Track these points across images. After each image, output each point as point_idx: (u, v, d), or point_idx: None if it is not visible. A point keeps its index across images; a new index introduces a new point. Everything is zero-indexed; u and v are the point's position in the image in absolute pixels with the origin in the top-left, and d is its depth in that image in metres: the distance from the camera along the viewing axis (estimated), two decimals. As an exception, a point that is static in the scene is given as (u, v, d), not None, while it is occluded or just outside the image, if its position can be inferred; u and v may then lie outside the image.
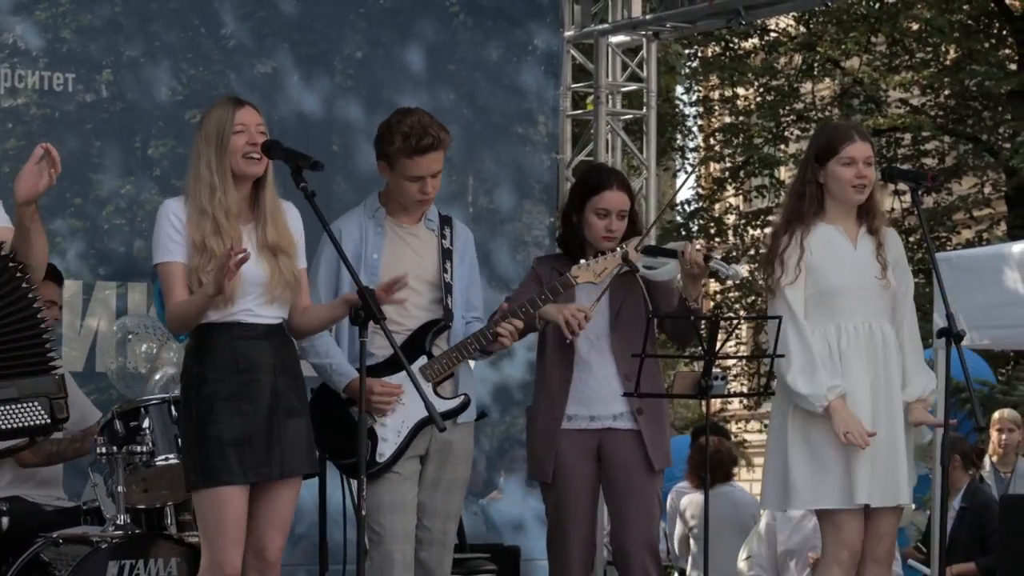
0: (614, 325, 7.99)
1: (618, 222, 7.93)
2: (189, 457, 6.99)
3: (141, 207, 10.06)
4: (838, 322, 7.50)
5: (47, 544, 8.17)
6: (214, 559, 6.89)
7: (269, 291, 6.89)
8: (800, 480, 7.53)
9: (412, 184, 7.44)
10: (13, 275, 6.07)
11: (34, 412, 6.10)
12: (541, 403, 8.07)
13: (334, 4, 10.89)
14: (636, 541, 8.14)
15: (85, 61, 10.23)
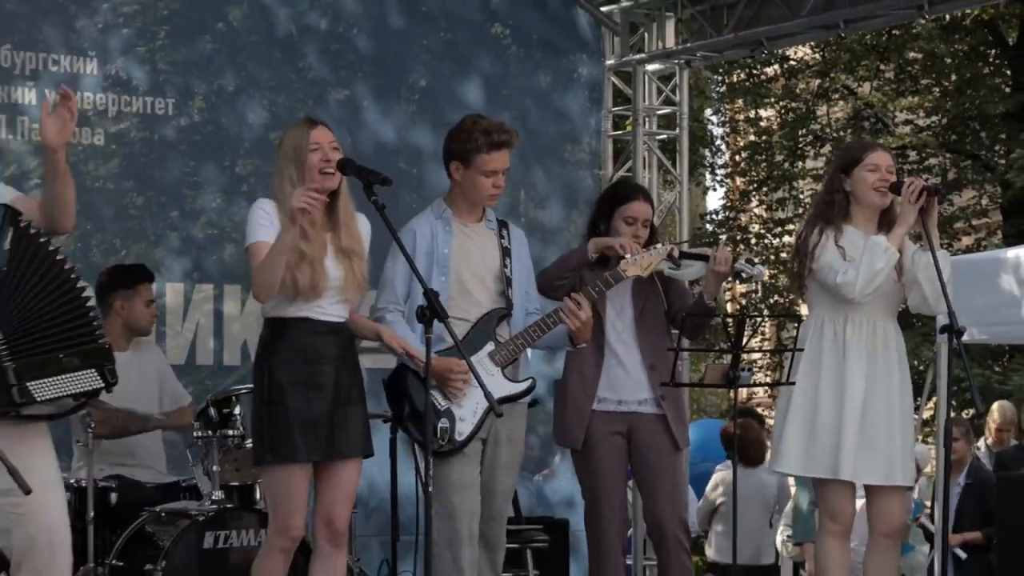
0: (639, 321, 8.04)
1: (643, 229, 8.01)
2: (259, 435, 7.00)
3: (231, 219, 10.08)
4: (847, 314, 7.55)
5: (151, 517, 8.20)
6: (281, 524, 6.91)
7: (342, 292, 6.91)
8: (792, 446, 7.58)
9: (487, 179, 7.43)
10: (53, 257, 6.07)
11: (91, 378, 6.09)
12: (573, 378, 8.10)
13: (401, 39, 10.90)
14: (669, 515, 8.15)
15: (181, 90, 10.25)
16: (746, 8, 11.13)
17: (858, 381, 7.50)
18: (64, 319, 6.05)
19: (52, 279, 6.04)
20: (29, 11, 9.84)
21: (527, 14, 11.34)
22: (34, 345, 5.96)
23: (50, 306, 6.02)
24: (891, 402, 7.54)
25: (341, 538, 7.05)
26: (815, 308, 7.69)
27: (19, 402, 5.92)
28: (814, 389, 7.54)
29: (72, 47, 9.96)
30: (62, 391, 6.03)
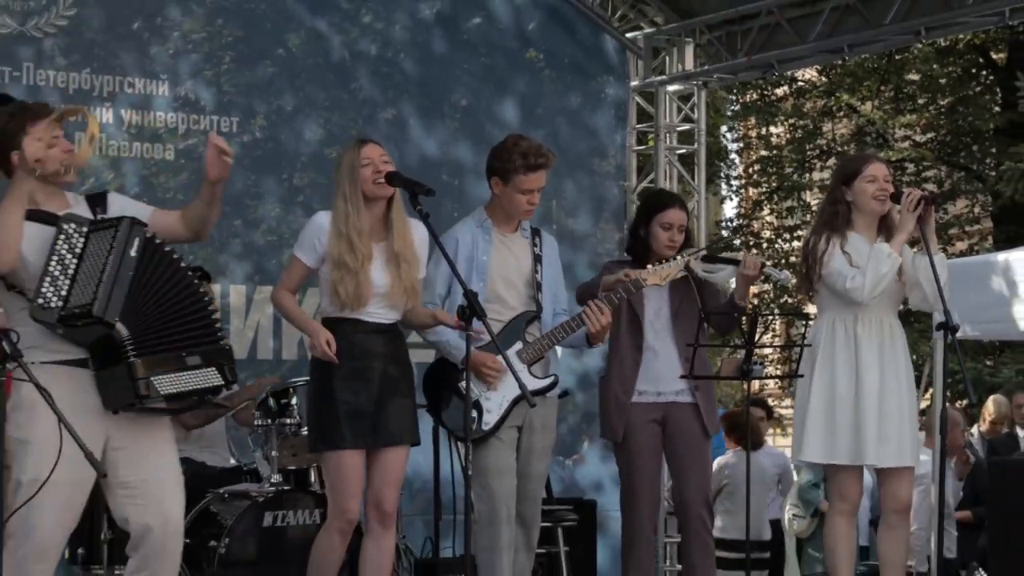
0: (674, 319, 8.06)
1: (678, 235, 8.02)
2: (312, 424, 7.08)
3: (289, 226, 10.08)
4: (857, 314, 7.55)
5: (215, 498, 8.21)
6: (337, 507, 6.94)
7: (389, 299, 6.95)
8: (813, 437, 7.57)
9: (523, 196, 7.46)
10: (177, 264, 6.10)
11: (212, 375, 6.12)
12: (614, 377, 8.13)
13: (444, 63, 10.89)
14: (695, 496, 8.18)
15: (244, 110, 10.26)
16: (758, 34, 11.12)
17: (873, 373, 7.52)
18: (187, 320, 6.09)
19: (176, 283, 6.09)
20: (107, 39, 9.87)
21: (559, 40, 11.33)
22: (158, 343, 5.99)
23: (173, 308, 6.06)
24: (900, 390, 7.57)
25: (390, 519, 7.06)
26: (826, 310, 7.68)
27: (143, 394, 5.95)
28: (831, 383, 7.55)
29: (146, 71, 9.97)
30: (184, 387, 6.06)
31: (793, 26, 10.91)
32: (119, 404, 5.98)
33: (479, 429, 7.38)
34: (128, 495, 6.09)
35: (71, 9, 9.74)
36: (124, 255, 5.90)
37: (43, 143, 5.98)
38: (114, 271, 5.87)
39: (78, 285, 5.85)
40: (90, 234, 5.95)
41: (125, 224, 5.96)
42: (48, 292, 5.85)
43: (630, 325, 8.03)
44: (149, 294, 5.98)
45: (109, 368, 5.95)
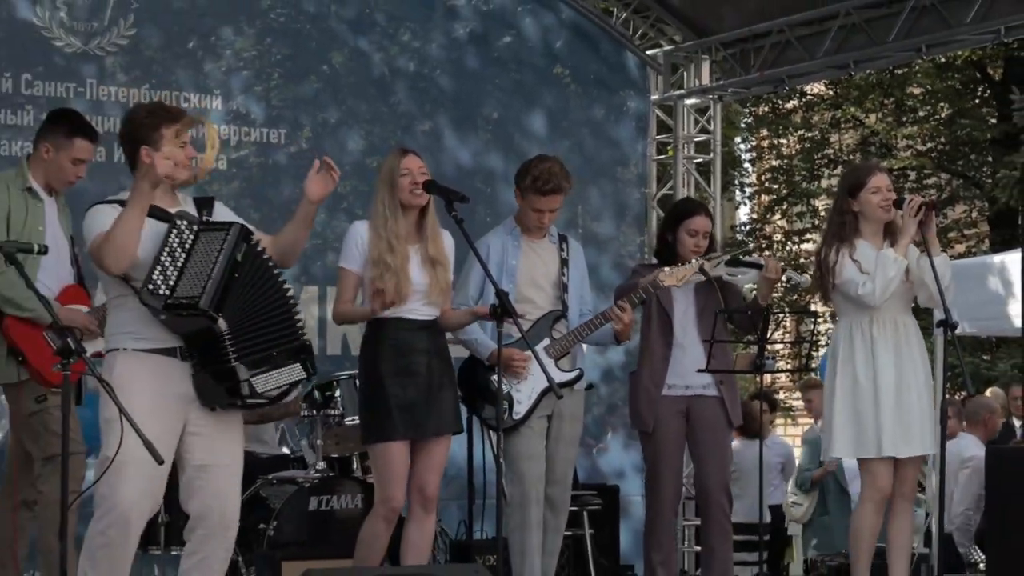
0: (700, 318, 8.10)
1: (703, 241, 8.07)
2: (364, 418, 7.08)
3: (333, 231, 10.09)
4: (871, 316, 7.55)
5: (265, 484, 8.24)
6: (384, 494, 6.94)
7: (428, 296, 6.98)
8: (840, 435, 7.57)
9: (534, 214, 7.55)
10: (273, 271, 6.18)
11: (297, 370, 6.18)
12: (644, 372, 8.17)
13: (477, 79, 10.89)
14: (715, 484, 8.20)
15: (292, 123, 10.27)
16: (770, 51, 11.10)
17: (890, 370, 7.52)
18: (277, 320, 6.14)
19: (270, 287, 6.14)
20: (164, 57, 9.89)
21: (584, 57, 11.32)
22: (253, 343, 6.03)
23: (267, 309, 6.11)
24: (918, 384, 7.58)
25: (431, 504, 7.08)
26: (843, 316, 7.69)
27: (246, 394, 6.00)
28: (852, 384, 7.55)
29: (200, 87, 9.99)
30: (277, 384, 6.11)
31: (802, 44, 10.90)
32: (221, 403, 6.04)
33: (510, 419, 7.42)
34: (195, 477, 6.11)
35: (131, 29, 9.77)
36: (231, 258, 5.96)
37: (171, 161, 6.03)
38: (222, 271, 5.92)
39: (185, 277, 5.90)
40: (200, 232, 6.01)
41: (235, 229, 6.03)
42: (158, 280, 5.88)
43: (661, 324, 8.09)
44: (248, 295, 6.03)
45: (210, 368, 5.99)
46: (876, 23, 10.41)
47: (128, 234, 5.90)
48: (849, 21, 10.50)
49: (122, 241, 5.90)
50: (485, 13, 10.94)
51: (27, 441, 7.25)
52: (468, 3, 10.88)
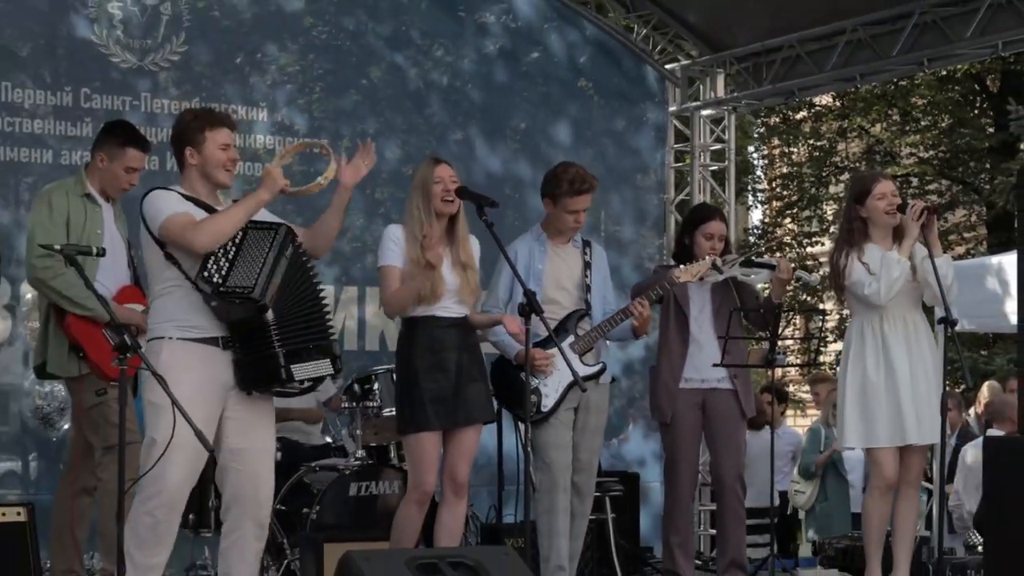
0: (715, 316, 8.11)
1: (719, 244, 8.09)
2: (400, 410, 7.08)
3: (371, 235, 10.10)
4: (881, 314, 7.55)
5: (308, 471, 8.24)
6: (417, 480, 6.95)
7: (459, 295, 7.00)
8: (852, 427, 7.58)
9: (570, 216, 7.57)
10: (312, 272, 6.27)
11: (327, 365, 6.24)
12: (663, 366, 8.19)
13: (506, 92, 10.89)
14: (730, 472, 8.21)
15: (332, 133, 10.28)
16: (781, 65, 11.08)
17: (903, 363, 7.53)
18: (314, 318, 6.24)
19: (310, 287, 6.25)
20: (214, 72, 9.92)
21: (607, 71, 11.31)
22: (294, 335, 6.12)
23: (306, 306, 6.22)
24: (928, 376, 7.59)
25: (463, 489, 7.08)
26: (855, 315, 7.70)
27: (284, 379, 6.09)
28: (862, 378, 7.56)
29: (247, 99, 10.02)
30: (311, 374, 6.20)
31: (811, 58, 10.88)
32: (259, 386, 6.13)
33: (538, 411, 7.43)
34: (229, 460, 6.16)
35: (182, 47, 9.79)
36: (280, 255, 6.09)
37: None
38: (271, 266, 6.05)
39: (236, 269, 6.02)
40: (248, 230, 6.10)
41: (284, 229, 6.18)
42: (212, 269, 6.00)
43: (678, 322, 8.10)
44: (291, 291, 6.14)
45: (253, 355, 6.07)
46: (881, 39, 10.39)
47: (233, 226, 6.07)
48: (855, 37, 10.49)
49: (225, 228, 6.06)
50: (513, 30, 10.94)
51: (88, 431, 7.28)
52: (498, 21, 10.88)
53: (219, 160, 6.25)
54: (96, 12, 9.55)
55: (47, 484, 7.94)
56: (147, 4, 9.70)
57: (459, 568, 6.08)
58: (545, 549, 7.50)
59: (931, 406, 7.50)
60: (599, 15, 11.37)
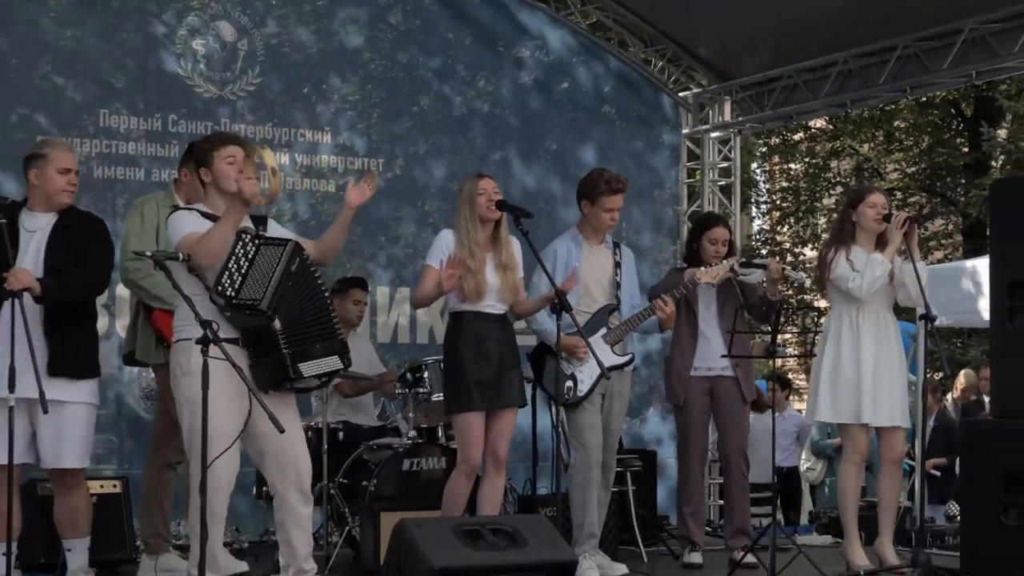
0: (720, 311, 8.09)
1: (722, 248, 8.07)
2: (447, 393, 7.10)
3: (422, 242, 10.08)
4: (858, 307, 7.54)
5: (366, 449, 8.24)
6: (465, 455, 6.97)
7: (499, 294, 7.01)
8: (824, 401, 7.58)
9: (606, 214, 7.58)
10: (317, 280, 6.22)
11: (335, 361, 6.22)
12: (675, 356, 8.24)
13: (539, 118, 10.87)
14: (735, 449, 8.21)
15: (388, 153, 10.29)
16: (780, 92, 11.07)
17: (870, 353, 7.52)
18: (319, 320, 6.20)
19: (314, 293, 6.21)
20: (284, 100, 9.94)
21: (627, 99, 11.28)
22: (301, 337, 6.10)
23: (311, 311, 6.18)
24: (892, 367, 7.57)
25: (502, 465, 7.09)
26: (835, 305, 7.67)
27: (294, 377, 6.09)
28: (836, 361, 7.56)
29: (313, 124, 10.03)
30: (318, 371, 6.18)
31: (807, 86, 10.86)
32: (274, 385, 6.07)
33: (574, 396, 7.44)
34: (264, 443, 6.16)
35: (257, 78, 9.81)
36: (286, 269, 6.05)
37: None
38: (278, 279, 6.01)
39: (248, 282, 5.98)
40: (261, 246, 6.07)
41: (291, 245, 6.12)
42: (226, 283, 5.97)
43: (688, 318, 8.12)
44: (296, 300, 6.10)
45: (265, 357, 6.06)
46: (868, 69, 10.37)
47: (220, 242, 6.00)
48: (846, 68, 10.46)
49: (213, 244, 5.99)
50: (546, 64, 10.93)
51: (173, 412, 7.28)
52: (532, 55, 10.87)
53: (225, 172, 6.21)
54: (182, 48, 9.58)
55: (138, 460, 7.96)
56: (226, 41, 9.72)
57: (498, 534, 6.08)
58: (579, 518, 7.50)
59: (890, 394, 7.54)
60: (621, 49, 11.34)
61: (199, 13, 9.65)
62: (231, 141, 6.32)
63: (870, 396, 7.48)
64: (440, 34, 10.54)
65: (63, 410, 6.36)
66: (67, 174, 6.50)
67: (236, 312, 6.00)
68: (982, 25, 9.53)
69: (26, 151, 6.74)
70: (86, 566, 6.58)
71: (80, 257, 6.43)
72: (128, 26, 9.46)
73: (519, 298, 7.16)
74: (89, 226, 6.62)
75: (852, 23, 10.10)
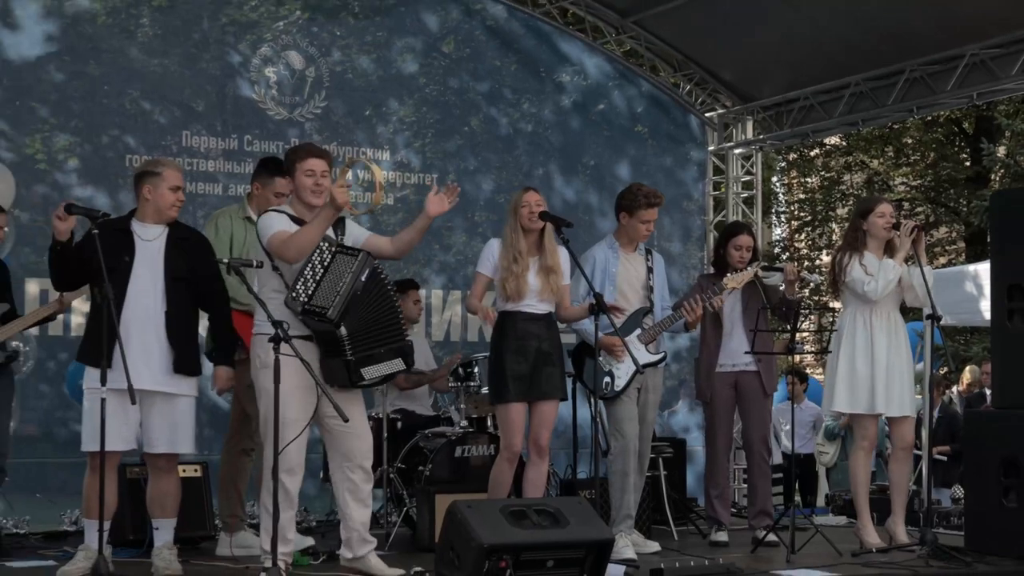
0: (744, 314, 8.06)
1: (747, 253, 8.06)
2: (491, 384, 7.10)
3: (472, 250, 10.10)
4: (871, 308, 7.50)
5: (423, 437, 8.25)
6: (506, 442, 6.99)
7: (540, 295, 7.01)
8: (840, 393, 7.55)
9: (643, 225, 7.54)
10: (386, 287, 6.27)
11: (398, 363, 6.29)
12: (703, 355, 8.26)
13: (579, 136, 10.85)
14: (757, 437, 8.19)
15: (441, 169, 10.29)
16: (798, 112, 11.00)
17: (882, 350, 7.50)
18: (387, 325, 6.24)
19: (383, 300, 6.25)
20: (347, 121, 9.96)
21: (658, 119, 11.25)
22: (366, 343, 6.15)
23: (379, 317, 6.23)
24: (901, 363, 7.56)
25: (544, 452, 7.08)
26: (848, 305, 7.65)
27: (355, 381, 6.16)
28: (851, 357, 7.54)
29: (374, 143, 10.05)
30: (379, 374, 6.26)
31: (822, 107, 10.79)
32: (338, 384, 6.15)
33: (612, 390, 7.42)
34: (333, 427, 6.24)
35: (323, 102, 9.84)
36: (356, 280, 6.10)
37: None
38: (348, 289, 6.06)
39: (320, 290, 6.03)
40: (336, 254, 6.08)
41: (363, 256, 6.16)
42: (300, 289, 6.04)
43: (714, 318, 8.06)
44: (365, 308, 6.14)
45: (332, 359, 6.13)
46: (879, 91, 10.31)
47: (311, 243, 6.06)
48: (858, 90, 10.40)
49: (303, 242, 6.06)
50: (584, 87, 10.91)
51: (247, 404, 7.31)
52: (571, 80, 10.85)
53: (304, 185, 6.28)
54: (256, 76, 9.62)
55: (216, 446, 8.00)
56: (295, 69, 9.75)
57: (542, 514, 6.07)
58: (617, 500, 7.48)
59: (901, 387, 7.52)
60: (652, 74, 11.30)
61: (271, 44, 9.69)
62: (313, 154, 6.35)
63: (883, 389, 7.44)
64: (488, 61, 10.54)
65: (176, 402, 6.46)
66: (177, 191, 6.55)
67: (307, 316, 6.05)
68: (982, 51, 9.48)
69: (139, 168, 6.83)
70: (171, 543, 6.61)
71: (192, 268, 6.45)
72: (208, 56, 9.51)
73: (564, 303, 7.15)
74: (199, 241, 6.69)
75: (863, 49, 10.05)
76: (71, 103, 9.08)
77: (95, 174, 9.09)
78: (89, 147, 9.12)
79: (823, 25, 10.01)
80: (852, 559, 7.27)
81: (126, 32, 9.26)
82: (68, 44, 9.07)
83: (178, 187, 6.55)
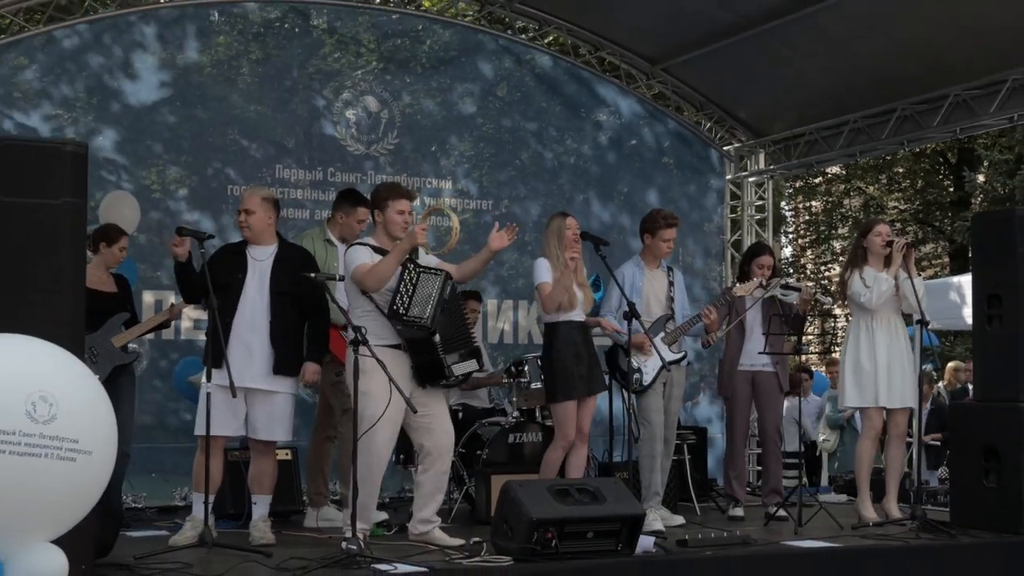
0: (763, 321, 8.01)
1: (767, 271, 8.02)
2: (556, 385, 7.05)
3: (521, 264, 10.13)
4: (873, 315, 7.47)
5: (480, 425, 8.23)
6: (563, 432, 6.96)
7: (581, 306, 6.98)
8: (849, 390, 7.51)
9: (664, 243, 7.53)
10: (460, 302, 6.39)
11: (474, 363, 6.33)
12: (726, 356, 8.21)
13: (613, 168, 10.85)
14: (771, 427, 8.15)
15: (495, 196, 10.32)
16: (803, 146, 10.96)
17: (884, 351, 7.45)
18: (463, 333, 6.34)
19: (460, 312, 6.37)
20: (416, 155, 10.01)
21: (683, 152, 11.21)
22: (451, 347, 6.23)
23: (457, 324, 6.31)
24: (902, 360, 7.51)
25: (586, 438, 7.06)
26: (854, 314, 7.66)
27: (449, 376, 6.23)
28: (856, 358, 7.49)
29: (438, 174, 10.08)
30: (464, 371, 6.32)
31: (825, 141, 10.75)
32: (433, 382, 6.17)
33: (640, 384, 7.39)
34: (422, 422, 6.19)
35: (395, 139, 9.89)
36: (442, 294, 6.15)
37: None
38: (438, 302, 6.14)
39: (414, 303, 6.10)
40: (420, 273, 6.12)
41: (444, 274, 6.26)
42: (398, 304, 6.10)
43: (737, 326, 8.06)
44: (447, 317, 6.21)
45: (426, 361, 6.17)
46: (874, 127, 10.27)
47: (388, 272, 6.08)
48: (856, 126, 10.37)
49: (384, 275, 6.08)
50: (619, 126, 10.89)
51: (332, 398, 7.36)
52: (607, 119, 10.84)
53: (396, 222, 6.29)
54: (337, 117, 9.68)
55: (304, 434, 8.04)
56: (371, 111, 9.81)
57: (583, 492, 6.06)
58: (646, 480, 7.45)
59: (901, 381, 7.46)
60: (677, 113, 11.28)
61: (351, 90, 9.75)
62: (404, 196, 6.37)
63: (885, 384, 7.41)
64: (536, 104, 10.54)
65: (274, 398, 6.50)
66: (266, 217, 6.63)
67: (405, 326, 6.09)
68: (964, 91, 9.46)
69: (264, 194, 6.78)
70: (266, 516, 6.65)
71: (296, 283, 6.42)
72: (297, 100, 9.58)
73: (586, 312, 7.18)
74: (304, 258, 6.66)
75: (860, 91, 10.02)
76: (181, 141, 9.19)
77: (201, 201, 9.19)
78: (196, 178, 9.22)
79: (825, 71, 9.98)
80: (852, 531, 7.20)
81: (228, 81, 9.35)
82: (179, 91, 9.18)
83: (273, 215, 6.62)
